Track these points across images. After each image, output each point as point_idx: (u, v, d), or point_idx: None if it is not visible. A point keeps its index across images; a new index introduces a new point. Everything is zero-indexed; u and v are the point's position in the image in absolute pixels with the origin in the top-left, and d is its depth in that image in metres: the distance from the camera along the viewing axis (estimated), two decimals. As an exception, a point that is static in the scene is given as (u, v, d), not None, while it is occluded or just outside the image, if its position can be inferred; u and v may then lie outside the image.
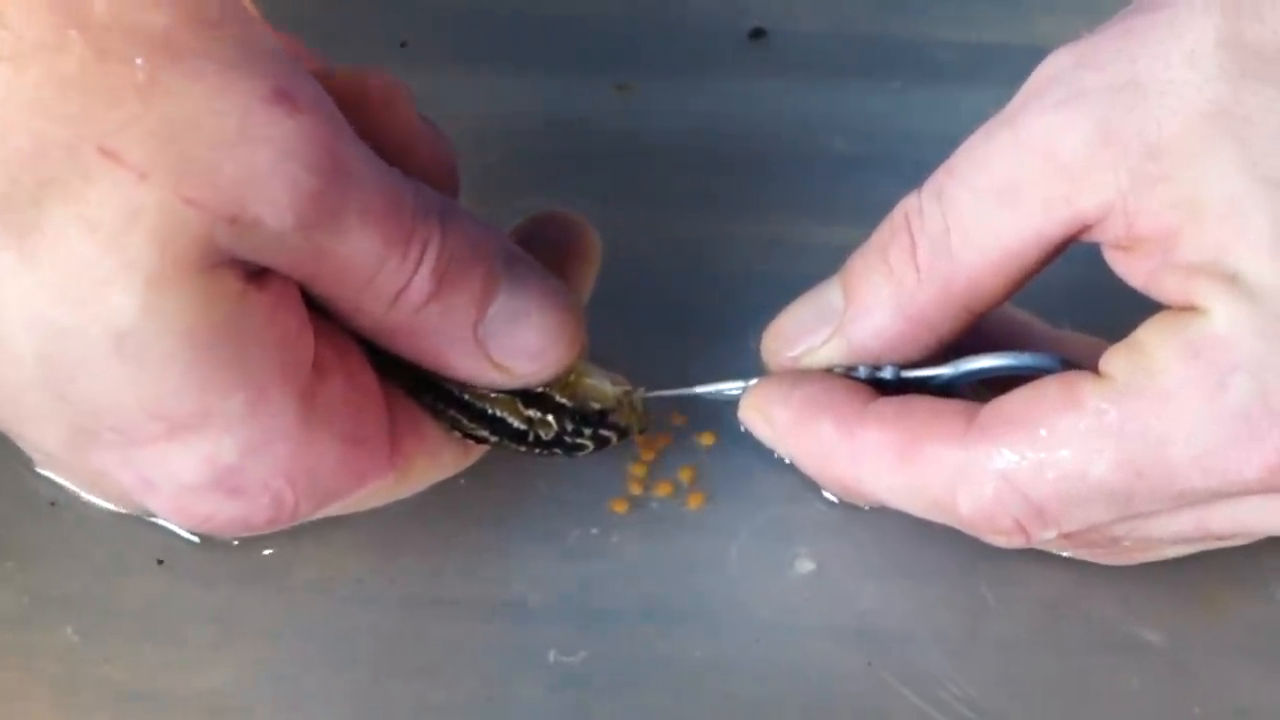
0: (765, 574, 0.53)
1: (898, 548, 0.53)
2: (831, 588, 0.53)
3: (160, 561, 0.53)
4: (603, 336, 0.52)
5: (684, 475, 0.55)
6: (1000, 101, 0.49)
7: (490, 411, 0.50)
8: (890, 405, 0.49)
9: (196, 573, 0.53)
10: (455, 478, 0.53)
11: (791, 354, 0.51)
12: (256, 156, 0.43)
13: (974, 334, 0.50)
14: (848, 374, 0.51)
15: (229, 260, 0.44)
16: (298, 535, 0.53)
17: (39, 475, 0.53)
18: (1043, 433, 0.47)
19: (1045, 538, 0.48)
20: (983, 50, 0.63)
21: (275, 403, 0.46)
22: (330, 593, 0.53)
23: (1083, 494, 0.47)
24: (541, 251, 0.50)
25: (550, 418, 0.51)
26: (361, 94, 0.48)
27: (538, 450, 0.51)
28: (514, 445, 0.51)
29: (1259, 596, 0.53)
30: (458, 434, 0.51)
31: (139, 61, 0.42)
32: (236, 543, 0.53)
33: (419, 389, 0.50)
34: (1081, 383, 0.47)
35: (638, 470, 0.55)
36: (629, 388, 0.52)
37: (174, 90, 0.43)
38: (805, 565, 0.53)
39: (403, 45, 0.63)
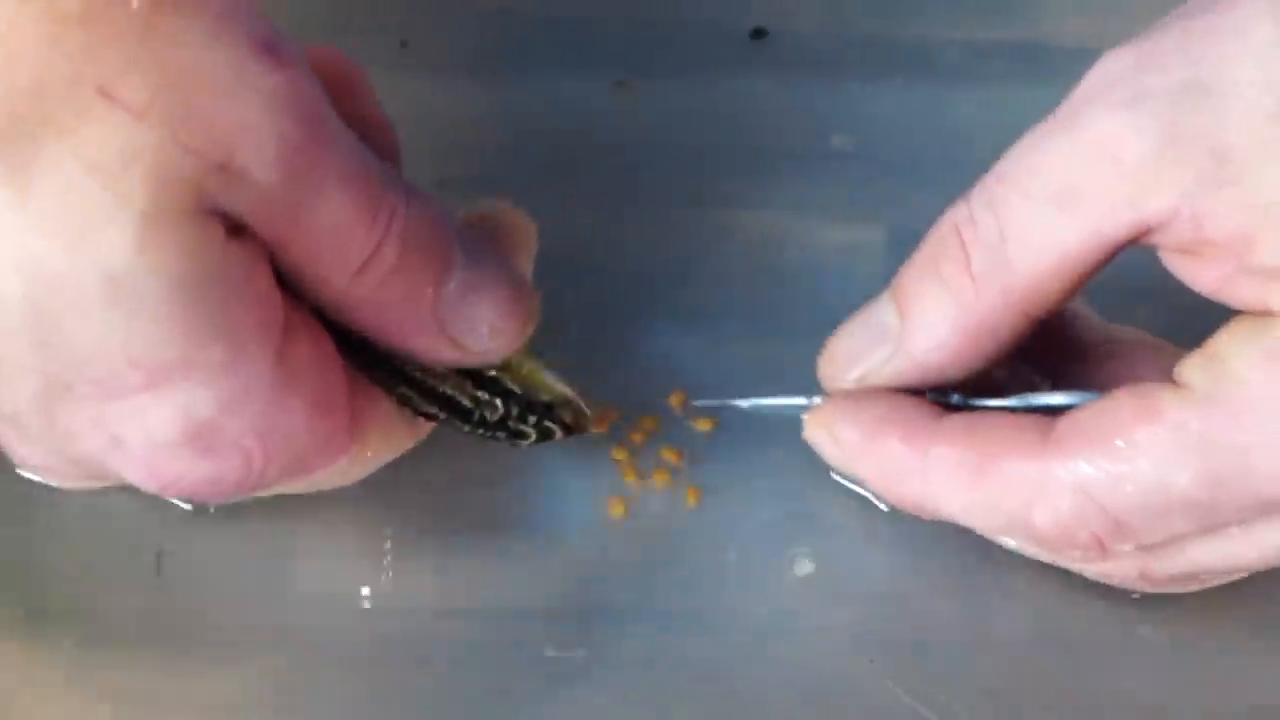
0: (765, 574, 0.53)
1: (898, 548, 0.53)
2: (831, 588, 0.53)
3: (159, 566, 0.53)
4: (601, 336, 0.52)
5: (671, 455, 0.55)
6: (1001, 101, 0.49)
7: (440, 389, 0.51)
8: (961, 421, 0.49)
9: (194, 578, 0.53)
10: (453, 475, 0.54)
11: (851, 376, 0.51)
12: (247, 107, 0.43)
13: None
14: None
15: (213, 210, 0.44)
16: (297, 536, 0.53)
17: (36, 480, 0.53)
18: (1120, 444, 0.46)
19: (1122, 550, 0.48)
20: (983, 49, 0.63)
21: (252, 357, 0.46)
22: (328, 595, 0.53)
23: (1164, 506, 0.46)
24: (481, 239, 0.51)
25: (498, 401, 0.51)
26: (326, 72, 0.48)
27: (481, 431, 0.51)
28: (461, 424, 0.51)
29: (1260, 596, 0.53)
30: (408, 411, 0.51)
31: (136, 3, 0.42)
32: (237, 541, 0.53)
33: (372, 365, 0.50)
34: (1159, 394, 0.46)
35: (621, 455, 0.55)
36: (572, 395, 0.52)
37: (171, 34, 0.43)
38: (805, 566, 0.53)
39: (402, 45, 0.63)
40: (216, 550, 0.53)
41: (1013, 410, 0.50)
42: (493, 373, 0.51)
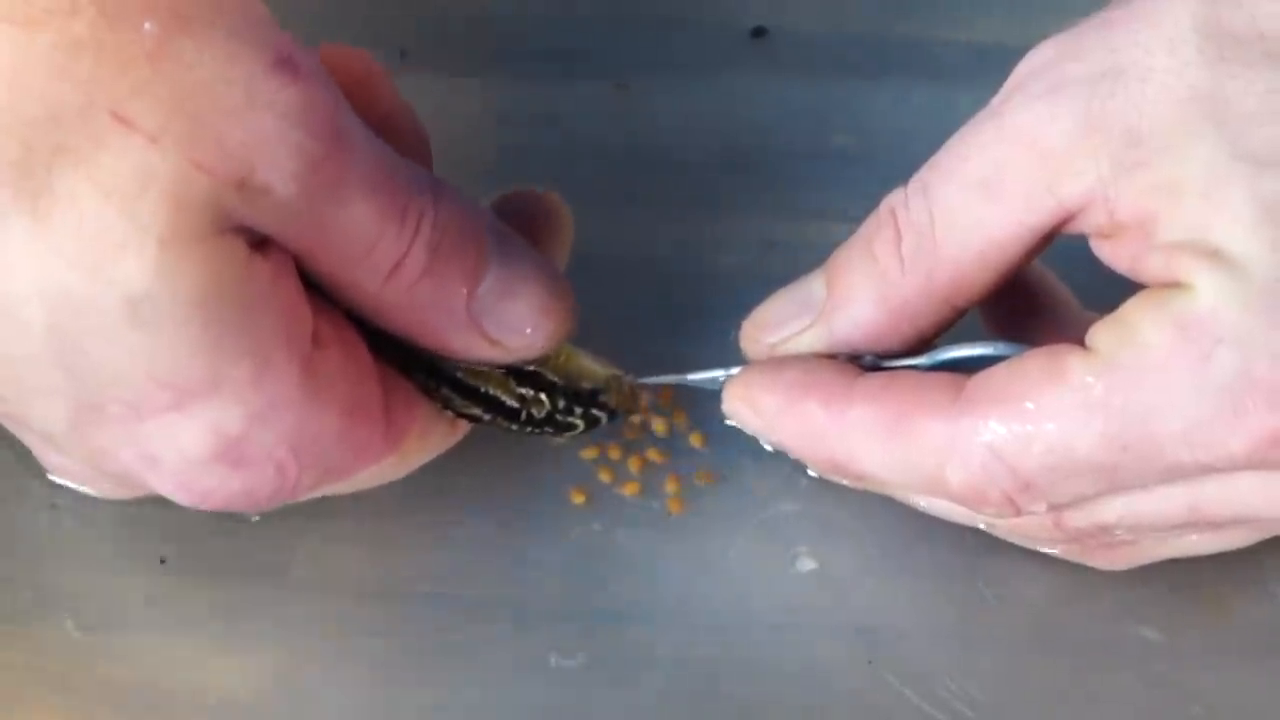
0: (766, 573, 0.53)
1: (898, 546, 0.53)
2: (832, 587, 0.53)
3: (162, 560, 0.53)
4: (602, 335, 0.52)
5: (656, 456, 0.55)
6: (1000, 101, 0.49)
7: (483, 390, 0.50)
8: (876, 380, 0.50)
9: (198, 572, 0.53)
10: (455, 475, 0.54)
11: (770, 341, 0.52)
12: (263, 123, 0.43)
13: (1007, 295, 0.50)
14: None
15: (235, 227, 0.44)
16: (299, 535, 0.53)
17: (42, 475, 0.53)
18: (1029, 405, 0.47)
19: (1035, 511, 0.48)
20: (983, 50, 0.63)
21: (280, 370, 0.46)
22: (331, 592, 0.53)
23: (1069, 467, 0.47)
24: (516, 227, 0.51)
25: (543, 396, 0.51)
26: (343, 71, 0.48)
27: (530, 429, 0.51)
28: (506, 424, 0.51)
29: (1259, 595, 0.53)
30: (448, 413, 0.51)
31: (148, 27, 0.43)
32: (240, 537, 0.53)
33: (411, 367, 0.50)
34: (1067, 356, 0.47)
35: (613, 454, 0.55)
36: (619, 371, 0.52)
37: (182, 56, 0.43)
38: (806, 564, 0.53)
39: (402, 55, 0.63)
40: (220, 546, 0.53)
41: (926, 369, 0.50)
42: (532, 367, 0.51)
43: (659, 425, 0.56)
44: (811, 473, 0.54)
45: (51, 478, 0.53)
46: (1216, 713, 0.51)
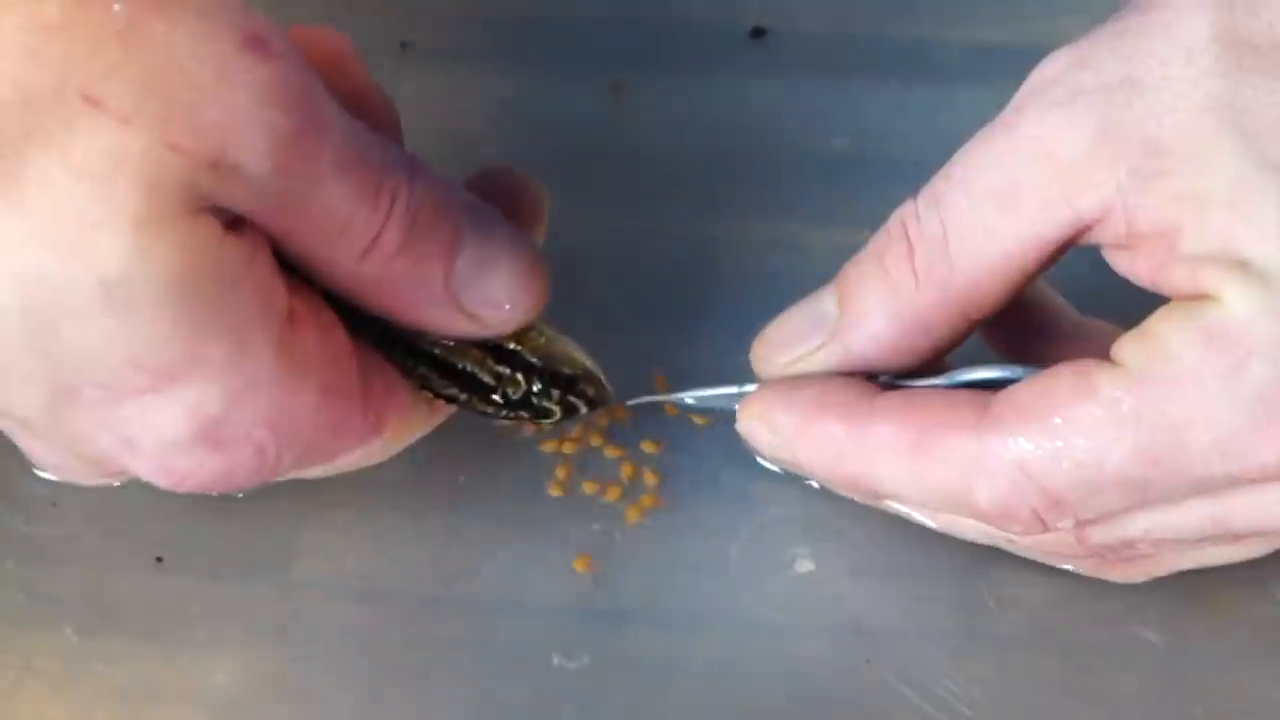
0: (764, 574, 0.53)
1: (896, 547, 0.53)
2: (830, 587, 0.53)
3: (160, 559, 0.53)
4: (600, 335, 0.52)
5: (651, 447, 0.55)
6: (1000, 102, 0.49)
7: (461, 366, 0.50)
8: (898, 398, 0.49)
9: (196, 571, 0.53)
10: (455, 474, 0.54)
11: (783, 360, 0.51)
12: (235, 101, 0.43)
13: (1005, 310, 0.50)
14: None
15: (210, 207, 0.44)
16: (297, 533, 0.53)
17: (38, 475, 0.53)
18: (1057, 421, 0.47)
19: (1063, 527, 0.48)
20: (983, 50, 0.63)
21: (257, 350, 0.46)
22: (330, 592, 0.53)
23: (1100, 483, 0.46)
24: (492, 204, 0.50)
25: (520, 376, 0.51)
26: (314, 50, 0.48)
27: (506, 411, 0.51)
28: (483, 405, 0.51)
29: (1260, 596, 0.53)
30: (427, 393, 0.51)
31: (117, 8, 0.42)
32: (238, 534, 0.53)
33: (390, 346, 0.50)
34: (1095, 371, 0.47)
35: (610, 453, 0.55)
36: (596, 365, 0.52)
37: (153, 36, 0.43)
38: (804, 565, 0.53)
39: (403, 46, 0.63)
40: (217, 543, 0.53)
41: (945, 387, 0.50)
42: (511, 346, 0.51)
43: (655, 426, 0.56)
44: (813, 484, 0.54)
45: (37, 472, 0.53)
46: (1217, 713, 0.51)
